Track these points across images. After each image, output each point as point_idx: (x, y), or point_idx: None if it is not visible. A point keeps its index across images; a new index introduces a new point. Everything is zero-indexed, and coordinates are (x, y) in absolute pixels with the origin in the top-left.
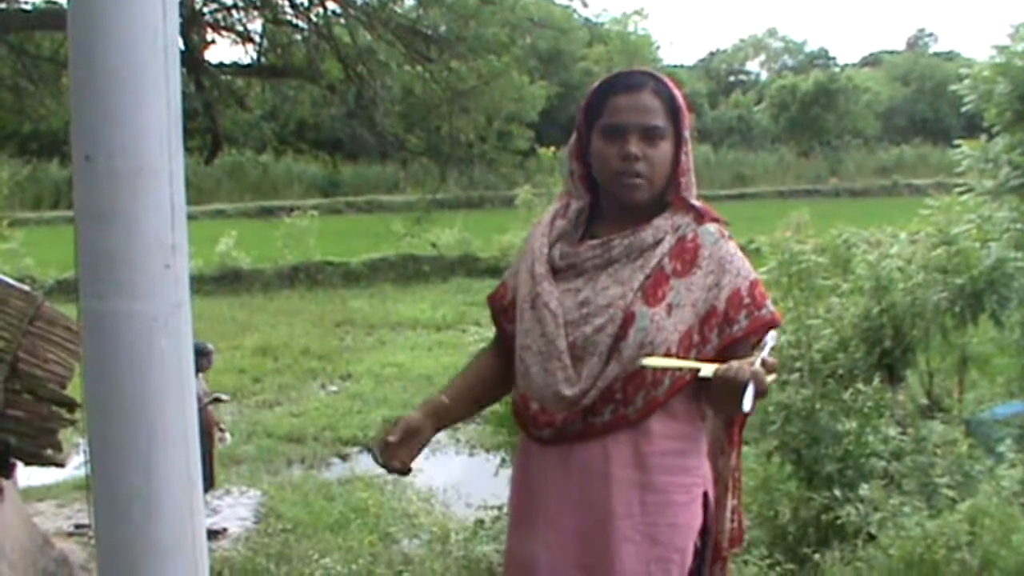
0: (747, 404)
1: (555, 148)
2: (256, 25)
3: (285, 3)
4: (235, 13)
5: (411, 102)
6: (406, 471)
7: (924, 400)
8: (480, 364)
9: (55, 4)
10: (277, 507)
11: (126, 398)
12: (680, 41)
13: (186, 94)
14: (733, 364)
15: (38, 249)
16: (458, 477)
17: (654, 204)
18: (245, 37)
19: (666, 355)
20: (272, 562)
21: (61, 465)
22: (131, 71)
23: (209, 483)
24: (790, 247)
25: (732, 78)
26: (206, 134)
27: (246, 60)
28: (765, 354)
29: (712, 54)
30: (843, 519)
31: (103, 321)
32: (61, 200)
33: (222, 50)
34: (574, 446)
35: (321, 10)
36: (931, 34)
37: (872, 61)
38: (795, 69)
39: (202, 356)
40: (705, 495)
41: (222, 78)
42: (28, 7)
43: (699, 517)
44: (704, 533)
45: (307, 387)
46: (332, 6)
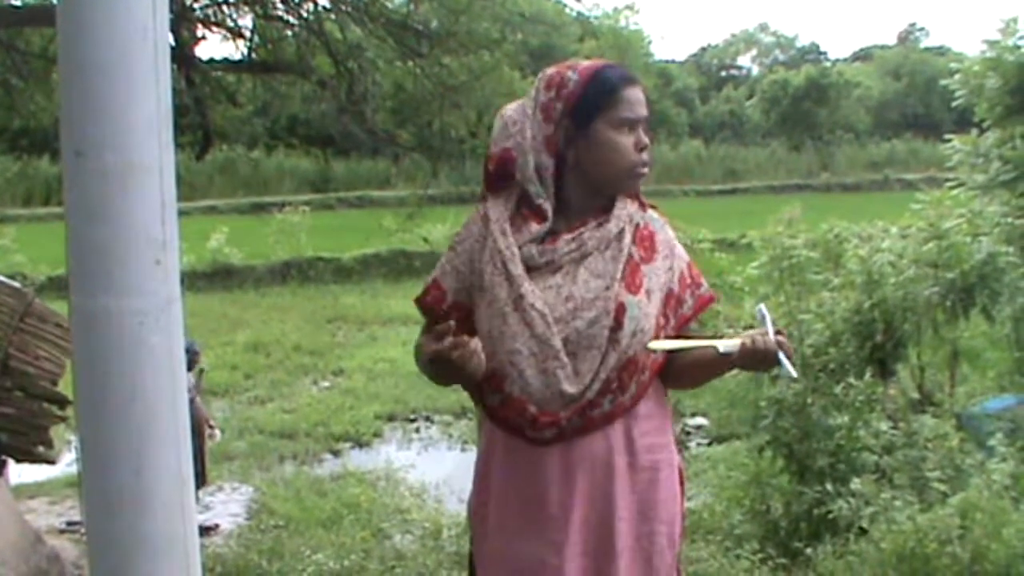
0: (792, 370)
1: None
2: (247, 21)
3: None
4: (225, 9)
5: (402, 98)
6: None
7: (915, 394)
8: None
9: (44, 0)
10: (269, 503)
11: (117, 395)
12: (671, 36)
13: (177, 90)
14: (757, 339)
15: (29, 246)
16: (450, 472)
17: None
18: (236, 33)
19: (653, 338)
20: (264, 558)
21: (52, 462)
22: (121, 67)
23: (200, 479)
24: (781, 242)
25: (723, 73)
26: (197, 130)
27: (237, 56)
28: (770, 323)
29: (703, 49)
30: (835, 513)
31: (94, 317)
32: (52, 196)
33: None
34: (575, 441)
35: (312, 5)
36: (922, 29)
37: (863, 56)
38: (786, 64)
39: (190, 354)
40: (680, 466)
41: (213, 74)
42: (17, 3)
43: (679, 488)
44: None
45: (299, 383)
46: (323, 1)
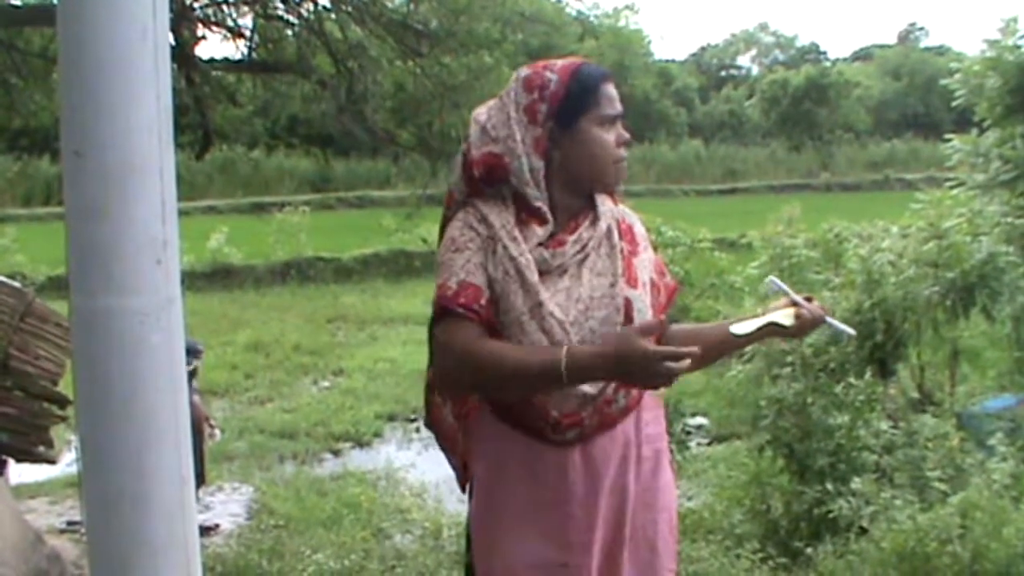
0: (847, 328)
1: None
2: (247, 20)
3: None
4: (226, 8)
5: (402, 97)
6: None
7: (915, 394)
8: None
9: (44, 0)
10: (269, 503)
11: (117, 394)
12: (671, 36)
13: (177, 90)
14: (803, 310)
15: (29, 246)
16: (450, 472)
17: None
18: (236, 33)
19: None
20: (264, 558)
21: (53, 462)
22: (121, 67)
23: (200, 479)
24: (781, 241)
25: (723, 73)
26: (197, 130)
27: (237, 56)
28: (793, 294)
29: (703, 49)
30: (835, 513)
31: (94, 317)
32: (52, 196)
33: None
34: (594, 438)
35: (312, 5)
36: (922, 28)
37: (863, 55)
38: (786, 64)
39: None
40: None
41: (213, 74)
42: (17, 3)
43: (672, 474)
44: None
45: (299, 383)
46: (323, 1)
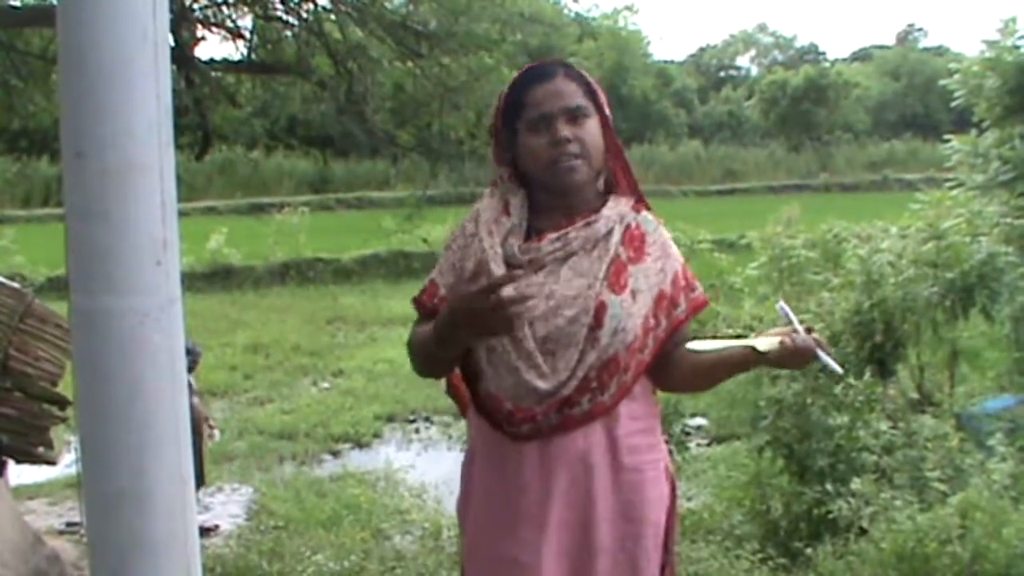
0: (836, 366)
1: None
2: (246, 21)
3: None
4: (225, 9)
5: (401, 98)
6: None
7: (915, 394)
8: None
9: (44, 0)
10: (269, 504)
11: (117, 395)
12: (670, 37)
13: (176, 90)
14: (797, 337)
15: (28, 246)
16: (450, 473)
17: (593, 191)
18: (235, 33)
19: (633, 339)
20: (264, 559)
21: (52, 463)
22: (121, 67)
23: (199, 480)
24: (781, 242)
25: (722, 73)
26: (196, 131)
27: (236, 56)
28: (796, 320)
29: (702, 49)
30: (835, 513)
31: (94, 318)
32: (51, 197)
33: (212, 46)
34: (553, 439)
35: (311, 6)
36: (921, 29)
37: (862, 56)
38: (785, 64)
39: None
40: (667, 468)
41: (212, 74)
42: (17, 3)
43: (667, 489)
44: (671, 504)
45: (299, 384)
46: (322, 2)
